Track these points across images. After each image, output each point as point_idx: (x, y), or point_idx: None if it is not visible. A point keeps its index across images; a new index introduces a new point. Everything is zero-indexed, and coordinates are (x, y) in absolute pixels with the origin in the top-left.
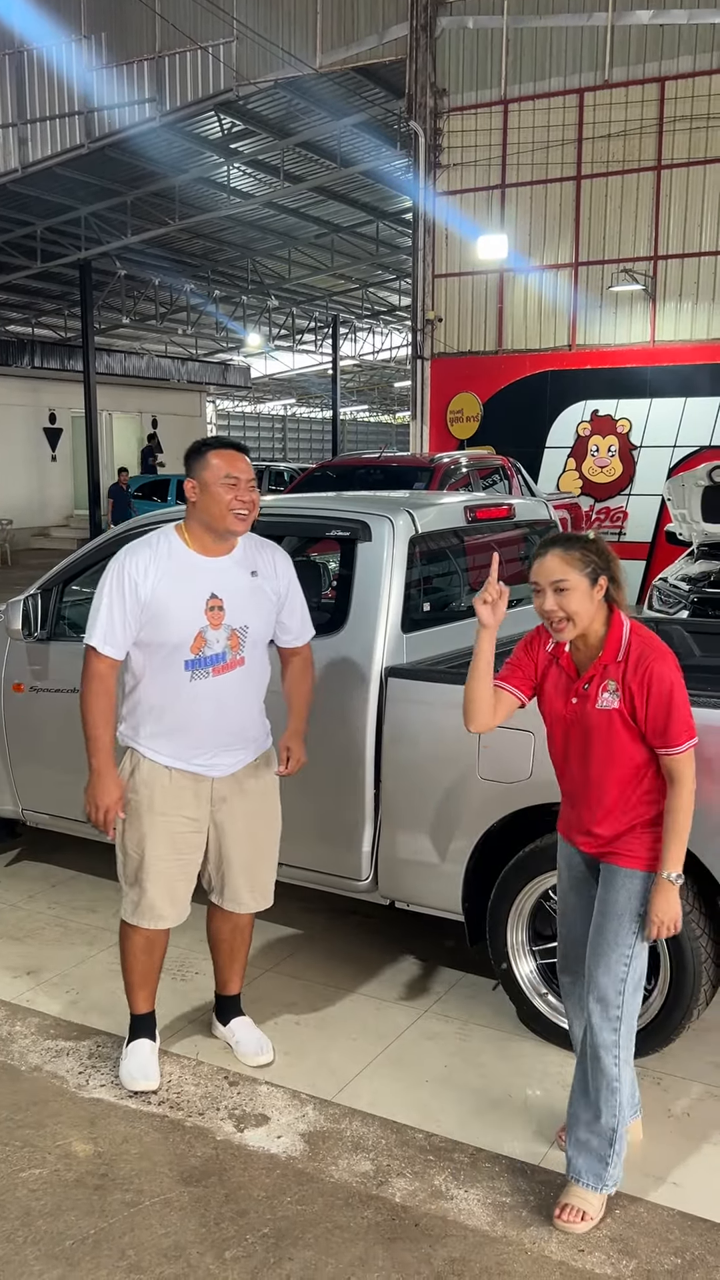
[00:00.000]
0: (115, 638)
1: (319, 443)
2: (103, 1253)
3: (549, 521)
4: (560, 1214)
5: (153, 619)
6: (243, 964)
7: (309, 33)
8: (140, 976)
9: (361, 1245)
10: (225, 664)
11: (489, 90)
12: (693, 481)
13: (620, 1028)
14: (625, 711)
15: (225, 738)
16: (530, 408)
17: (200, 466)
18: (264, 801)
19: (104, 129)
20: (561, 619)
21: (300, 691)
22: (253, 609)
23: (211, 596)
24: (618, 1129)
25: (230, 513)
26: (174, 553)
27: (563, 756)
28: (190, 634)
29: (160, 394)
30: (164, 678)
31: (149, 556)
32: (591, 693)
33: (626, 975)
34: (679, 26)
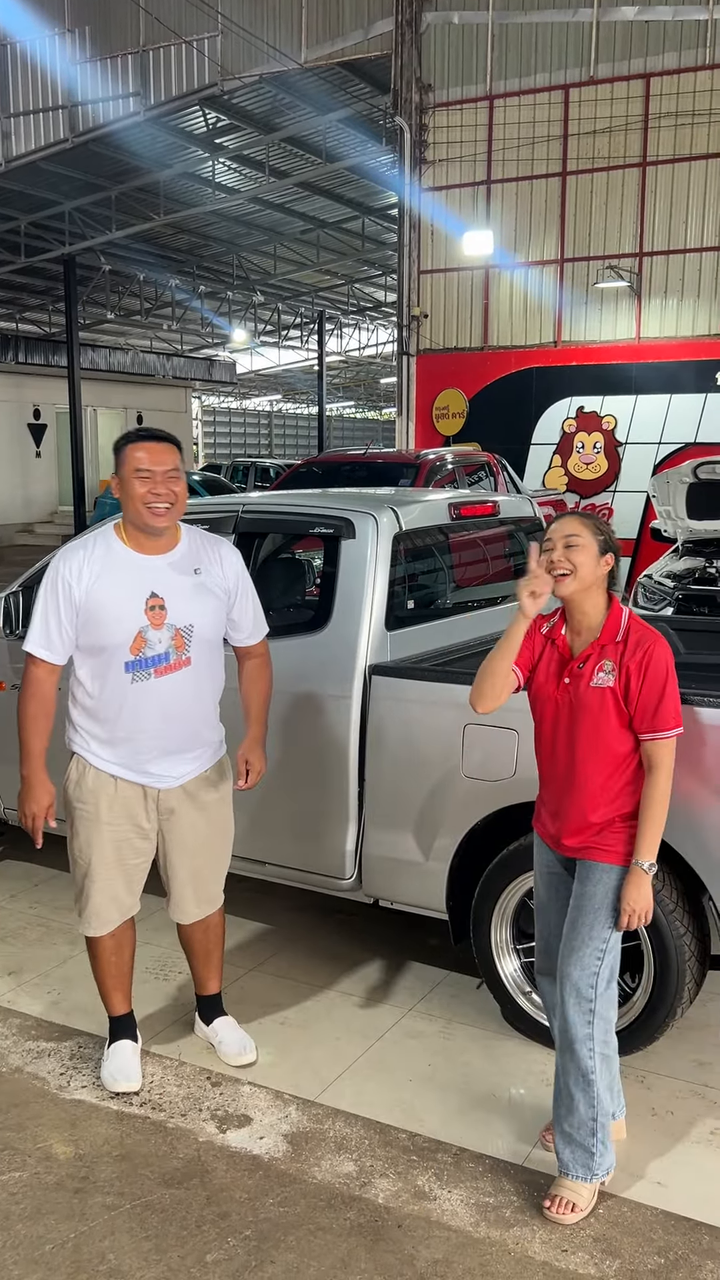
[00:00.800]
0: (51, 642)
1: (305, 439)
2: (83, 1257)
3: (534, 519)
4: (550, 1205)
5: (89, 621)
6: (218, 962)
7: (294, 27)
8: (113, 980)
9: (344, 1247)
10: (169, 664)
11: (474, 86)
12: (677, 478)
13: (594, 1020)
14: (619, 692)
15: (173, 744)
16: (516, 404)
17: (120, 461)
18: (216, 814)
19: (88, 123)
20: (564, 572)
21: (257, 695)
22: (198, 607)
23: (151, 595)
24: (597, 1118)
25: (145, 506)
26: (110, 552)
27: (549, 741)
28: (129, 634)
29: (145, 390)
30: (105, 681)
31: (83, 558)
32: (586, 671)
33: (600, 969)
34: (664, 23)
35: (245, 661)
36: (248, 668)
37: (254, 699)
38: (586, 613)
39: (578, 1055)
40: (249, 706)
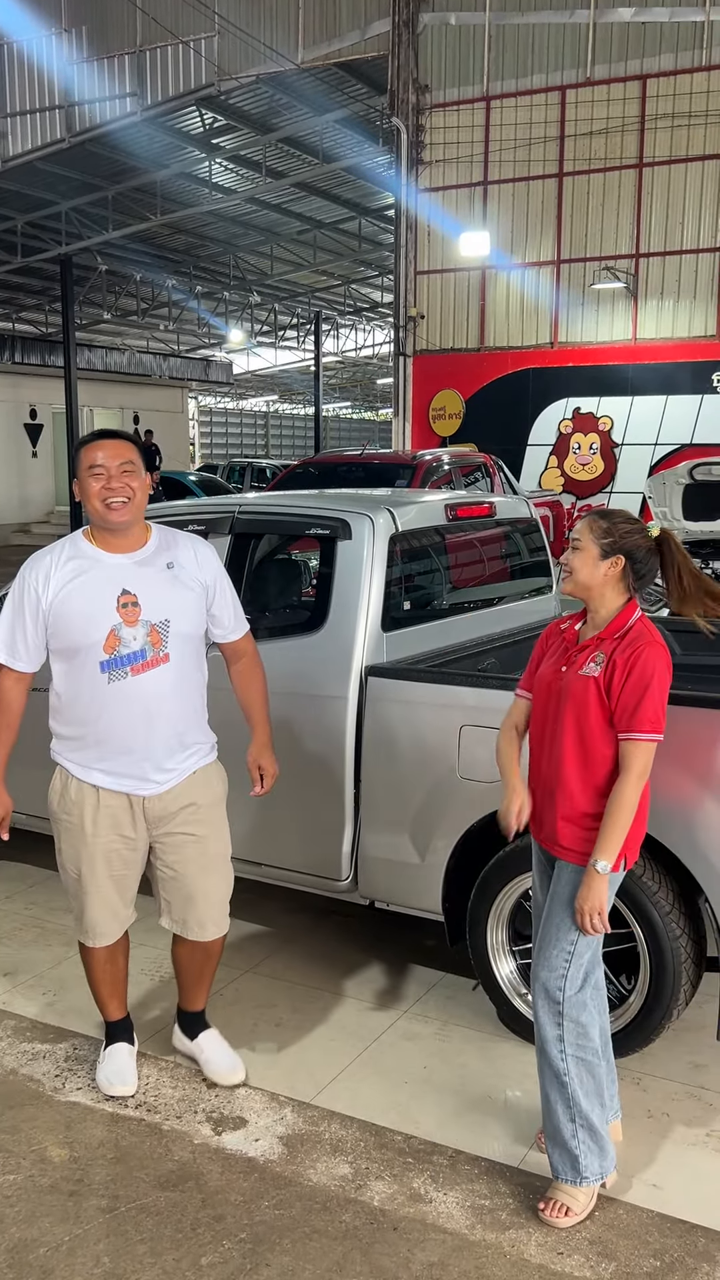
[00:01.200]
0: (16, 649)
1: (301, 439)
2: (77, 1260)
3: (530, 520)
4: (545, 1208)
5: (59, 624)
6: (210, 980)
7: (291, 28)
8: (109, 987)
9: (339, 1250)
10: (146, 661)
11: (471, 87)
12: (673, 479)
13: (564, 1022)
14: (602, 684)
15: (156, 746)
16: (512, 405)
17: (77, 463)
18: (207, 820)
19: (85, 123)
20: (566, 572)
21: (255, 695)
22: (173, 602)
23: (123, 593)
24: (575, 1120)
25: (101, 503)
26: (78, 554)
27: (539, 730)
28: (101, 633)
29: (142, 390)
30: (81, 684)
31: (50, 563)
32: (579, 660)
33: (568, 970)
34: (660, 25)
35: (235, 663)
36: (239, 669)
37: (253, 700)
38: (597, 610)
39: (549, 1056)
40: (250, 709)
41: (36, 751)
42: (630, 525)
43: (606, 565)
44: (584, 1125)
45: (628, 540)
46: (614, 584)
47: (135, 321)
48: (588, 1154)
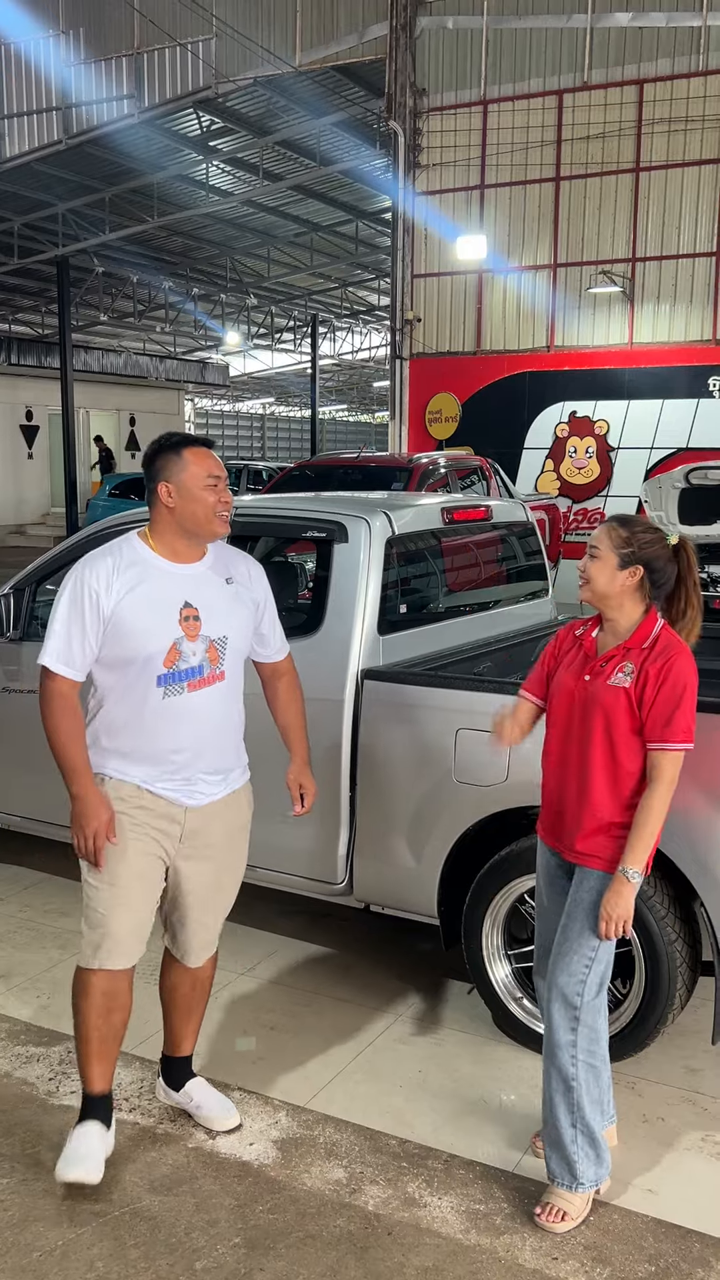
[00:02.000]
0: (74, 658)
1: (297, 442)
2: (71, 1264)
3: (526, 523)
4: (541, 1213)
5: (119, 633)
6: (200, 1019)
7: (288, 31)
8: (99, 1044)
9: (334, 1255)
10: (203, 678)
11: (468, 90)
12: (669, 483)
13: (579, 1028)
14: (634, 695)
15: (205, 764)
16: (509, 408)
17: (176, 468)
18: (236, 844)
19: (82, 125)
20: (582, 580)
21: (295, 715)
22: (231, 618)
23: (185, 605)
24: (577, 1126)
25: (216, 516)
26: (140, 560)
27: (561, 739)
28: (163, 646)
29: (138, 391)
30: (134, 696)
31: (111, 566)
32: (607, 670)
33: (587, 976)
34: (658, 29)
35: (276, 681)
36: (280, 688)
37: (293, 720)
38: (615, 620)
39: (559, 1061)
40: (290, 729)
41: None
42: (650, 535)
43: (625, 575)
44: (584, 1131)
45: (647, 550)
46: (631, 593)
47: (131, 323)
48: (585, 1160)
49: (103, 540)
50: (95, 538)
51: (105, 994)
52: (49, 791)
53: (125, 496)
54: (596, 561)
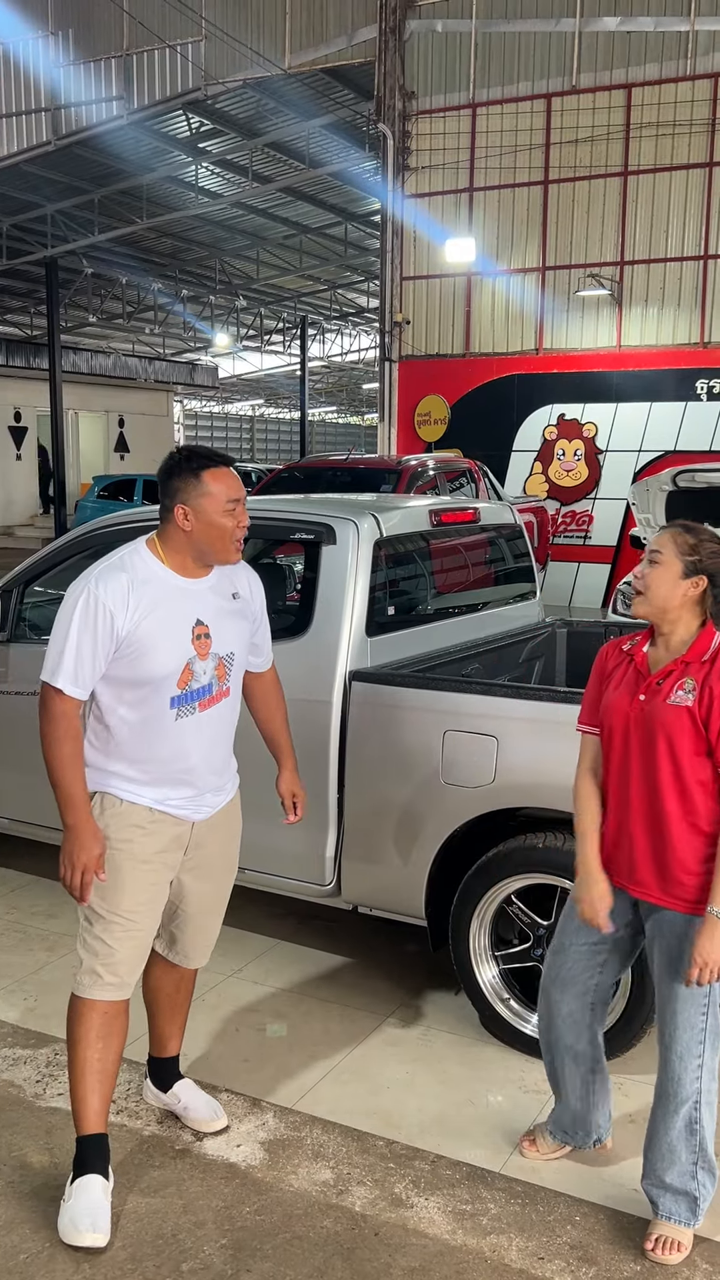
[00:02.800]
0: (81, 676)
1: (287, 443)
2: (57, 1266)
3: (514, 525)
4: (653, 1248)
5: (134, 655)
6: (185, 1019)
7: (278, 33)
8: (95, 1077)
9: (321, 1256)
10: (212, 696)
11: (457, 94)
12: (657, 486)
13: (703, 1074)
14: (700, 715)
15: (212, 779)
16: (497, 411)
17: (194, 493)
18: (232, 850)
19: (71, 126)
20: (639, 591)
21: (281, 723)
22: (236, 634)
23: (198, 623)
24: (699, 1163)
25: (233, 543)
26: (153, 575)
27: (620, 764)
28: (177, 667)
29: (127, 393)
30: (146, 718)
31: (127, 583)
32: (665, 688)
33: (706, 1023)
34: (645, 34)
35: (262, 688)
36: (267, 694)
37: (281, 727)
38: (671, 633)
39: (683, 1108)
40: (277, 736)
41: (20, 756)
42: (716, 545)
43: (687, 585)
44: (705, 1168)
45: (713, 561)
46: (692, 606)
47: (121, 325)
48: (705, 1196)
49: (92, 542)
50: (84, 539)
51: (105, 1019)
52: (36, 793)
53: (114, 498)
54: (658, 569)
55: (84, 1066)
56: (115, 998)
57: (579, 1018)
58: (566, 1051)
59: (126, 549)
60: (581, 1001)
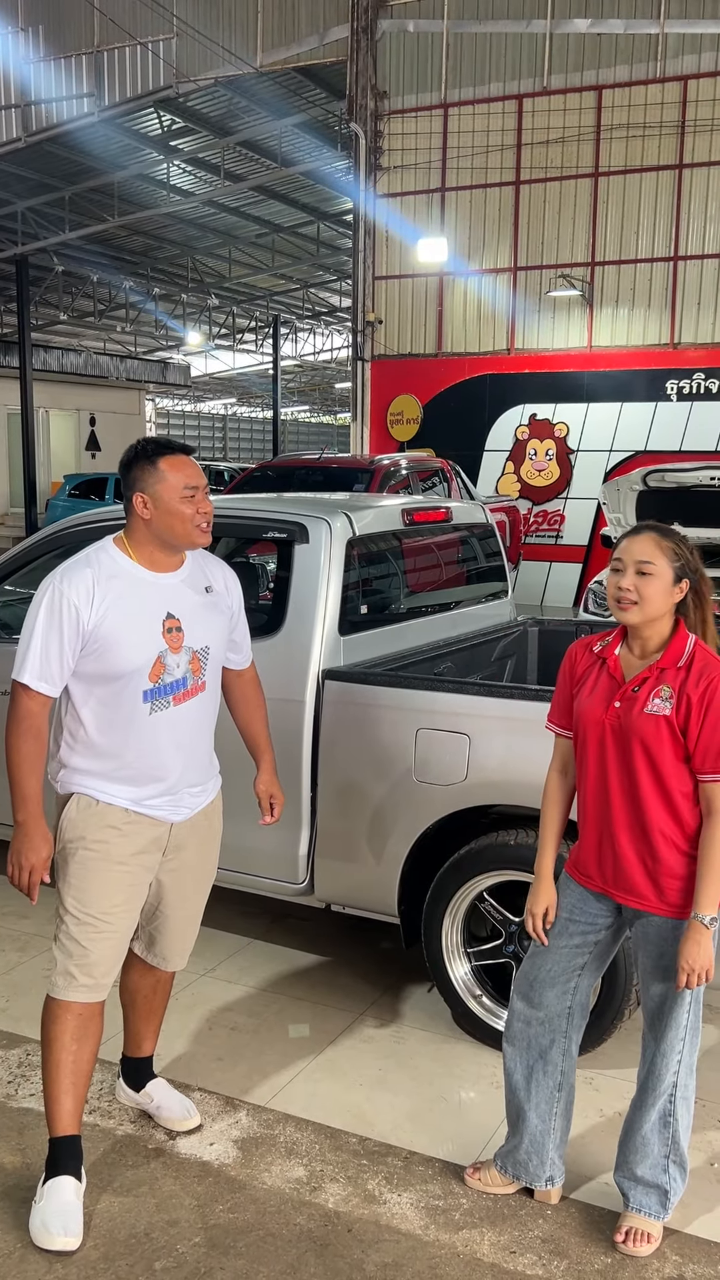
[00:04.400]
0: (50, 673)
1: (260, 443)
2: (29, 1267)
3: (486, 525)
4: (623, 1240)
5: (101, 649)
6: (160, 1020)
7: (249, 32)
8: (69, 1078)
9: (294, 1252)
10: (187, 690)
11: (429, 94)
12: (627, 486)
13: (681, 1070)
14: (677, 723)
15: (191, 775)
16: (469, 411)
17: (153, 479)
18: (212, 851)
19: (41, 123)
20: (632, 600)
21: (261, 723)
22: (211, 628)
23: (168, 616)
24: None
25: (195, 528)
26: (120, 570)
27: (597, 774)
28: (148, 660)
29: (98, 391)
30: (117, 713)
31: (91, 578)
32: (641, 696)
33: (687, 1021)
34: (616, 36)
35: (241, 687)
36: (244, 692)
37: (260, 728)
38: (648, 639)
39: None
40: (256, 736)
41: None
42: (687, 543)
43: (676, 590)
44: (677, 1162)
45: (694, 560)
46: (672, 609)
47: (92, 323)
48: (676, 1189)
49: (63, 540)
50: (54, 538)
51: (80, 1020)
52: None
53: (85, 496)
54: (651, 579)
55: (58, 1068)
56: (90, 999)
57: (556, 1023)
58: (538, 1059)
59: (94, 546)
60: (560, 1005)
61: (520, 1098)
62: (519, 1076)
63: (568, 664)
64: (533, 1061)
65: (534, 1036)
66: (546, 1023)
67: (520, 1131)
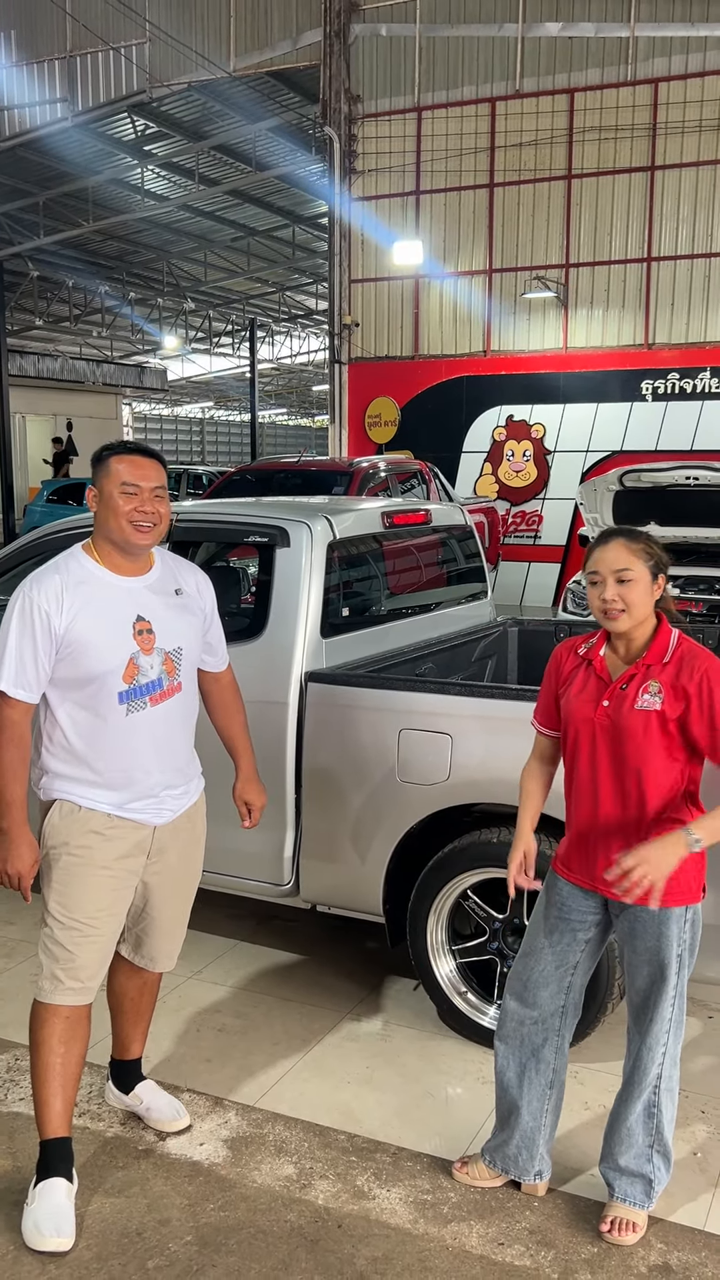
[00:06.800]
0: (27, 679)
1: (238, 446)
2: (23, 1268)
3: (465, 527)
4: (609, 1229)
5: (74, 652)
6: (148, 1023)
7: (223, 36)
8: (58, 1081)
9: (285, 1248)
10: (163, 691)
11: (402, 97)
12: (604, 486)
13: (665, 1060)
14: (672, 716)
15: (170, 775)
16: (447, 412)
17: (100, 473)
18: (196, 853)
19: (14, 128)
20: (619, 609)
21: (240, 727)
22: (183, 630)
23: (138, 619)
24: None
25: (129, 524)
26: (88, 575)
27: (588, 774)
28: (120, 662)
29: (75, 396)
30: (94, 715)
31: (59, 584)
32: (630, 693)
33: (671, 1014)
34: (587, 39)
35: (219, 691)
36: (223, 697)
37: (239, 731)
38: (635, 639)
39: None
40: (235, 740)
41: None
42: (649, 537)
43: (656, 588)
44: (660, 1152)
45: (664, 555)
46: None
47: (68, 328)
48: (660, 1178)
49: (45, 546)
50: (38, 543)
51: (67, 1023)
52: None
53: (63, 502)
54: (632, 585)
55: (47, 1071)
56: (77, 1002)
57: (550, 1022)
58: (531, 1058)
59: (64, 554)
60: (554, 1003)
61: (513, 1095)
62: (511, 1075)
63: (553, 665)
64: (525, 1059)
65: (527, 1035)
66: (540, 1022)
67: (511, 1127)
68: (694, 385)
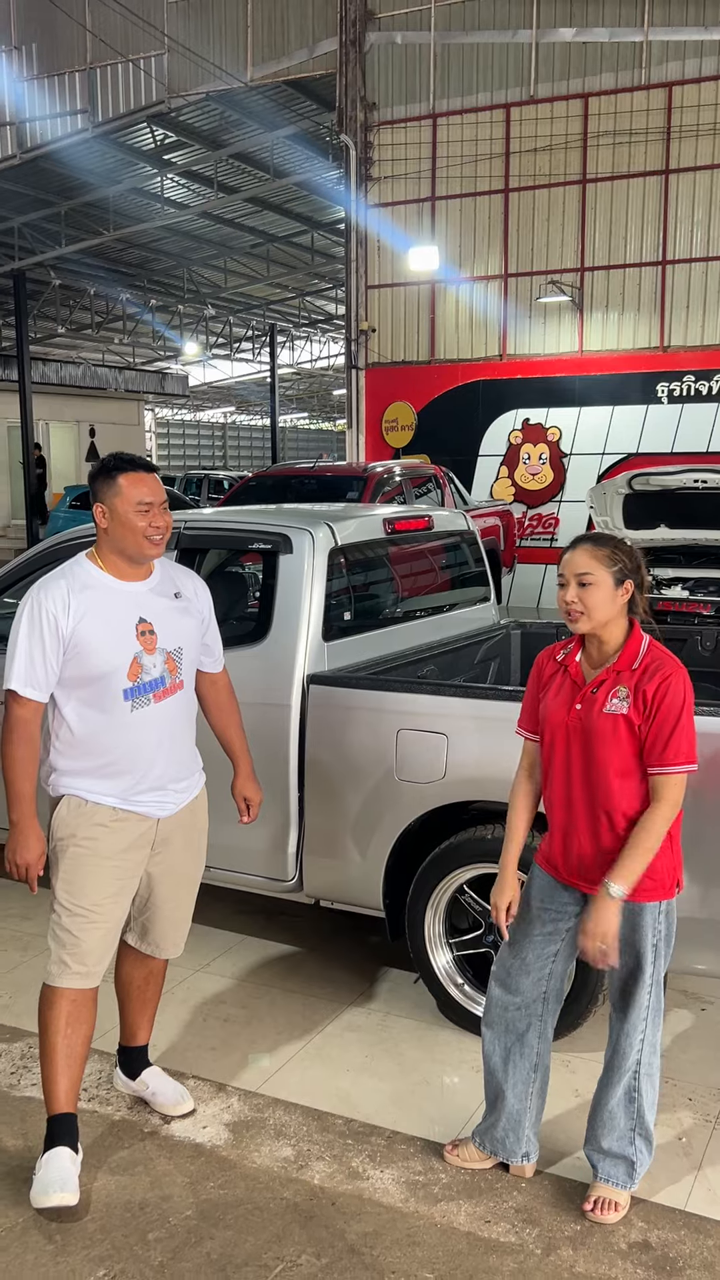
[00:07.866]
0: (37, 679)
1: (259, 450)
2: (31, 1240)
3: (468, 532)
4: (592, 1209)
5: (80, 652)
6: (154, 1010)
7: (239, 46)
8: (64, 1060)
9: (280, 1223)
10: (166, 688)
11: (418, 105)
12: (614, 490)
13: (644, 1046)
14: (637, 720)
15: (174, 769)
16: (463, 416)
17: (109, 491)
18: (199, 844)
19: (35, 140)
20: (579, 611)
21: (236, 727)
22: (183, 630)
23: (140, 621)
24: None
25: (145, 539)
26: (93, 581)
27: (562, 772)
28: (125, 660)
29: (98, 403)
30: (100, 713)
31: (66, 589)
32: (599, 697)
33: (649, 1002)
34: (601, 44)
35: (216, 692)
36: (219, 698)
37: (235, 731)
38: (605, 643)
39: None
40: (231, 740)
41: None
42: (625, 546)
43: (619, 593)
44: (642, 1135)
45: (633, 562)
46: (621, 610)
47: (90, 335)
48: (642, 1160)
49: (56, 554)
50: (57, 549)
51: (71, 1008)
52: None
53: (86, 508)
54: (593, 589)
55: (53, 1051)
56: (83, 986)
57: (533, 1008)
58: (516, 1042)
59: (70, 561)
60: (536, 991)
61: (498, 1078)
62: (497, 1059)
63: (535, 672)
64: (510, 1044)
65: (511, 1021)
66: (523, 1008)
67: (498, 1110)
68: (710, 387)
